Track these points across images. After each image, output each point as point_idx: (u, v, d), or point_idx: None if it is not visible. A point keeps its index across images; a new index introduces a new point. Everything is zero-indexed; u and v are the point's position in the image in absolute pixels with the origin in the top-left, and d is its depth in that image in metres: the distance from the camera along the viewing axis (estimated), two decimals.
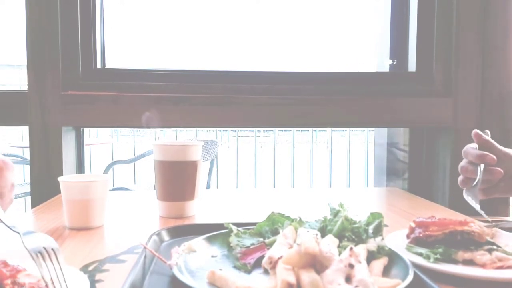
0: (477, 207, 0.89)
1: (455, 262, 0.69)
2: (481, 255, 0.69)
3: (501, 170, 0.90)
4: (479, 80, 1.43)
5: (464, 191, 0.93)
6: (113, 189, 2.78)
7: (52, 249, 0.57)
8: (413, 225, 0.78)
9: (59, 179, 0.95)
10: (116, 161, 3.61)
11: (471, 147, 0.94)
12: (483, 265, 0.68)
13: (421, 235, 0.74)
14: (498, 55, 1.43)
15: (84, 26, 1.39)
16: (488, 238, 0.73)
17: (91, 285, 0.61)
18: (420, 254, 0.71)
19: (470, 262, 0.69)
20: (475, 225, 0.73)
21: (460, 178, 0.95)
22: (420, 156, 1.54)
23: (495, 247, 0.71)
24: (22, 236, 0.58)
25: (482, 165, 0.90)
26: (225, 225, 0.76)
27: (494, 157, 0.90)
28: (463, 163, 0.95)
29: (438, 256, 0.69)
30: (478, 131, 0.94)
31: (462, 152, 0.95)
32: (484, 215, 0.89)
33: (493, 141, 0.94)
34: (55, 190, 1.20)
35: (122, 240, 0.85)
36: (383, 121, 1.48)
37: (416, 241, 0.75)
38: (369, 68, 1.77)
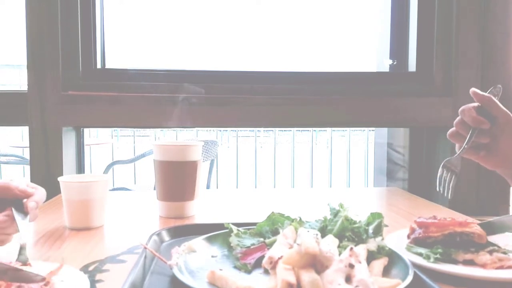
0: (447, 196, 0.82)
1: (455, 262, 0.69)
2: (481, 255, 0.69)
3: (487, 138, 0.82)
4: (479, 80, 1.43)
5: (443, 162, 0.85)
6: (113, 189, 2.77)
7: None
8: (414, 225, 0.78)
9: (59, 179, 0.95)
10: (116, 161, 3.60)
11: (470, 106, 0.84)
12: (483, 265, 0.68)
13: (420, 235, 0.74)
14: (498, 55, 1.43)
15: (84, 26, 1.39)
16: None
17: (91, 285, 0.61)
18: (420, 254, 0.71)
19: (470, 262, 0.69)
20: (476, 226, 0.73)
21: (452, 130, 0.87)
22: (420, 156, 1.54)
23: (496, 248, 0.71)
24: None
25: (475, 130, 0.82)
26: (225, 225, 0.76)
27: (488, 124, 0.82)
28: (457, 120, 0.86)
29: (438, 256, 0.69)
30: (476, 90, 0.84)
31: (460, 110, 0.86)
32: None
33: (495, 100, 0.84)
34: (55, 190, 1.20)
35: (122, 240, 0.85)
36: (383, 121, 1.48)
37: (416, 242, 0.75)
38: (369, 68, 1.77)
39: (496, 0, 1.42)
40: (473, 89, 0.85)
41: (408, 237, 0.77)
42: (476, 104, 0.84)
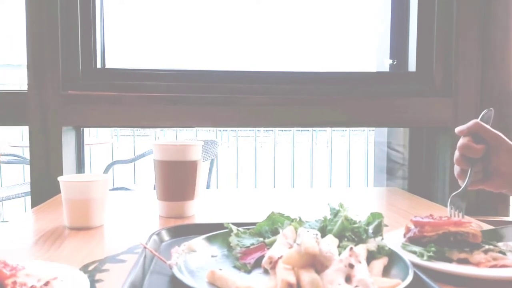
0: (463, 211, 0.83)
1: (449, 260, 0.69)
2: (475, 255, 0.69)
3: (480, 165, 0.83)
4: (479, 80, 1.43)
5: (450, 198, 0.86)
6: (113, 189, 2.77)
7: None
8: (409, 224, 0.78)
9: (59, 179, 0.95)
10: (116, 161, 3.60)
11: (465, 141, 0.84)
12: (477, 264, 0.68)
13: (415, 235, 0.74)
14: (498, 55, 1.43)
15: (84, 26, 1.39)
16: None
17: (91, 285, 0.61)
18: (414, 252, 0.71)
19: (464, 261, 0.69)
20: (471, 226, 0.72)
21: (458, 169, 0.86)
22: (420, 156, 1.54)
23: (492, 247, 0.71)
24: None
25: (470, 169, 0.83)
26: (225, 225, 0.76)
27: (477, 148, 0.82)
28: (457, 157, 0.86)
29: (431, 254, 0.69)
30: (460, 127, 0.86)
31: (458, 146, 0.85)
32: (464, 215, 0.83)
33: (483, 124, 0.85)
34: (55, 190, 1.20)
35: (122, 240, 0.85)
36: (383, 121, 1.48)
37: (411, 240, 0.75)
38: (369, 68, 1.77)
39: (496, 0, 1.42)
40: (457, 129, 0.86)
41: (404, 236, 0.77)
42: (466, 138, 0.85)
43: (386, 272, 0.62)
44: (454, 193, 0.85)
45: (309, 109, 1.42)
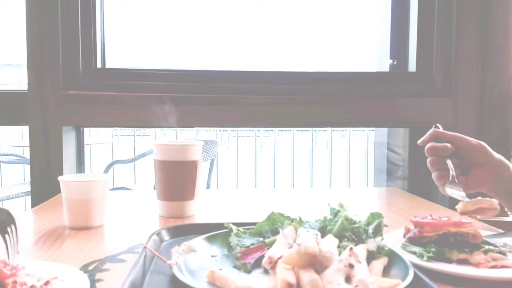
0: (462, 195, 0.88)
1: (449, 261, 0.69)
2: (475, 255, 0.69)
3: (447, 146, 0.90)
4: (479, 80, 1.43)
5: (443, 189, 0.92)
6: (113, 189, 2.77)
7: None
8: (409, 225, 0.78)
9: (59, 178, 0.95)
10: (116, 161, 3.60)
11: (431, 144, 0.94)
12: (477, 264, 0.68)
13: (415, 235, 0.74)
14: (498, 55, 1.43)
15: (84, 26, 1.39)
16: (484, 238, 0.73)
17: (91, 285, 0.61)
18: (414, 253, 0.71)
19: (464, 261, 0.69)
20: (471, 226, 0.72)
21: (434, 174, 0.94)
22: (420, 157, 1.54)
23: (491, 247, 0.71)
24: None
25: (448, 160, 0.91)
26: (225, 225, 0.76)
27: (443, 145, 0.91)
28: (429, 160, 0.95)
29: (431, 254, 0.69)
30: (421, 139, 0.96)
31: (426, 150, 0.96)
32: (468, 199, 0.88)
33: (440, 130, 0.94)
34: (55, 189, 1.20)
35: (122, 239, 0.85)
36: (383, 121, 1.48)
37: (411, 241, 0.75)
38: (369, 68, 1.77)
39: (496, 0, 1.42)
40: (419, 141, 0.97)
41: (404, 236, 0.78)
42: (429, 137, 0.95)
43: (386, 272, 0.62)
44: (446, 184, 0.90)
45: (309, 109, 1.42)
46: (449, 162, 0.91)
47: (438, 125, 0.99)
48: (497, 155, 0.92)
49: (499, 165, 0.91)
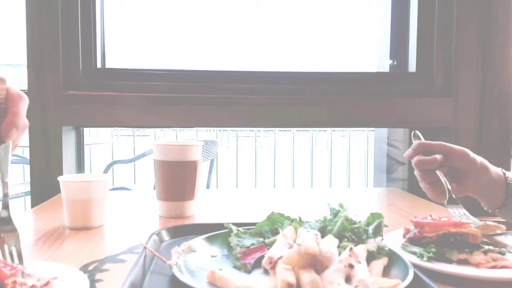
0: (466, 214, 0.89)
1: (449, 261, 0.69)
2: (475, 255, 0.69)
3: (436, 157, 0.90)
4: (479, 80, 1.43)
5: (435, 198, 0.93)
6: (113, 189, 2.77)
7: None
8: (409, 225, 0.78)
9: (59, 178, 0.95)
10: (116, 161, 3.61)
11: (419, 158, 0.93)
12: (477, 265, 0.68)
13: (415, 235, 0.74)
14: (498, 55, 1.43)
15: (84, 26, 1.39)
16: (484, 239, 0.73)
17: (91, 285, 0.61)
18: (414, 253, 0.71)
19: (464, 262, 0.69)
20: (471, 226, 0.72)
21: (426, 187, 0.94)
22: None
23: (491, 248, 0.71)
24: None
25: (440, 173, 0.91)
26: (225, 225, 0.76)
27: (430, 158, 0.91)
28: (419, 176, 0.94)
29: (431, 255, 0.69)
30: (406, 153, 0.94)
31: (414, 164, 0.94)
32: (472, 217, 0.87)
33: (424, 141, 0.94)
34: (55, 189, 1.20)
35: (122, 239, 0.85)
36: (383, 121, 1.48)
37: (411, 241, 0.75)
38: (369, 68, 1.77)
39: (496, 0, 1.42)
40: (405, 154, 0.95)
41: (404, 236, 0.78)
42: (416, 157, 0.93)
43: (386, 272, 0.62)
44: (445, 203, 0.92)
45: (309, 109, 1.42)
46: (441, 176, 0.91)
47: (417, 132, 0.99)
48: (479, 158, 0.93)
49: (481, 168, 0.92)
